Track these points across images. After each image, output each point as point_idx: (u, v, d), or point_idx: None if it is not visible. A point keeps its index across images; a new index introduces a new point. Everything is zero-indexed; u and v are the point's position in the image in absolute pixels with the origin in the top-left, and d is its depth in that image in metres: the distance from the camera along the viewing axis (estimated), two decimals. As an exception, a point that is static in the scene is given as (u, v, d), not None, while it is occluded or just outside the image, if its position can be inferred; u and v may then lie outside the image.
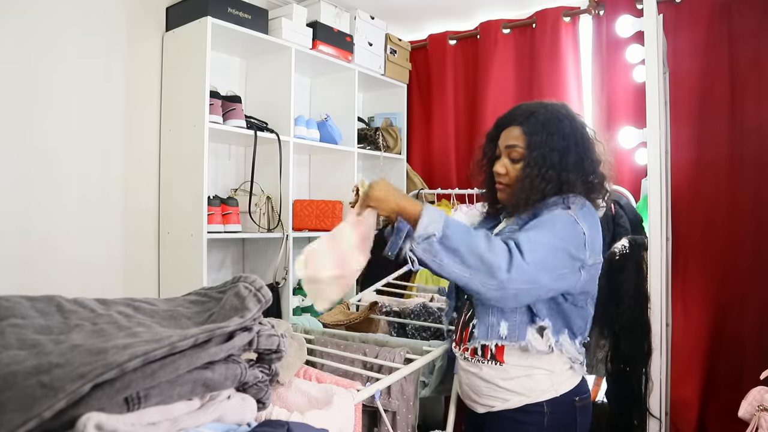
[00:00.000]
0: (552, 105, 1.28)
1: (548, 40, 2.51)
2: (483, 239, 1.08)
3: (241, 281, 0.84)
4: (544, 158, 1.21)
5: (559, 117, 1.24)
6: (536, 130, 1.23)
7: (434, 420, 2.11)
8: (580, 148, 1.23)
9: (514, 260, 1.06)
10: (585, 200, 1.24)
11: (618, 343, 1.67)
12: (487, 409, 1.27)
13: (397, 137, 2.86)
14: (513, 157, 1.27)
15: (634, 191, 2.20)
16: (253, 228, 2.19)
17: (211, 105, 2.00)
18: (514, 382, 1.22)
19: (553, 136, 1.21)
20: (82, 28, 1.92)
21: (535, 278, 1.09)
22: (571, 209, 1.18)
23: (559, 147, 1.21)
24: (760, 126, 2.07)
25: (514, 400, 1.22)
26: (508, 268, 1.05)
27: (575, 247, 1.15)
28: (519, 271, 1.06)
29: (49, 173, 1.86)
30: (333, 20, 2.49)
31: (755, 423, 1.13)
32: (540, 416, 1.20)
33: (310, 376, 1.21)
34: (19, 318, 0.72)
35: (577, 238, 1.15)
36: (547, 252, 1.11)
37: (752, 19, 2.09)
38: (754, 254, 2.09)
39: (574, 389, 1.24)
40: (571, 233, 1.15)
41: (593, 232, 1.20)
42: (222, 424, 0.74)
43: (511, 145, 1.27)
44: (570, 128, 1.23)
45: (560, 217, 1.16)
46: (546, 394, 1.21)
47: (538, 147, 1.22)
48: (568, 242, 1.14)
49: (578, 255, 1.15)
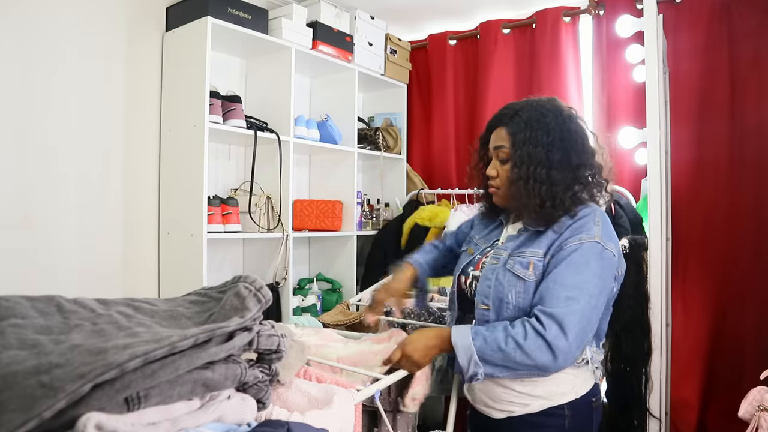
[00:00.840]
0: (537, 101, 1.27)
1: (548, 40, 2.51)
2: (517, 351, 1.09)
3: (241, 281, 0.84)
4: (530, 156, 1.19)
5: (543, 112, 1.22)
6: (520, 128, 1.22)
7: (434, 420, 2.11)
8: (566, 142, 1.20)
9: (556, 350, 1.07)
10: (594, 206, 1.22)
11: (618, 343, 1.67)
12: (506, 415, 1.23)
13: (397, 137, 2.86)
14: (501, 158, 1.26)
15: (634, 191, 2.20)
16: (253, 228, 2.19)
17: (211, 105, 2.00)
18: (534, 385, 1.19)
19: (537, 132, 1.20)
20: (82, 28, 1.92)
21: (581, 342, 1.12)
22: (594, 233, 1.16)
23: (543, 143, 1.19)
24: (760, 126, 2.07)
25: (535, 404, 1.20)
26: (554, 359, 1.08)
27: (611, 277, 1.17)
28: (565, 355, 1.09)
29: (49, 173, 1.85)
30: (333, 20, 2.49)
31: (755, 423, 1.13)
32: (561, 419, 1.19)
33: (310, 376, 1.21)
34: (19, 318, 0.72)
35: (611, 267, 1.17)
36: (589, 311, 1.11)
37: (752, 19, 2.09)
38: (754, 254, 2.09)
39: (591, 390, 1.24)
40: (607, 267, 1.16)
41: (616, 243, 1.20)
42: (222, 424, 0.74)
43: (498, 146, 1.26)
44: (554, 122, 1.21)
45: (590, 252, 1.14)
46: (567, 397, 1.20)
47: (522, 145, 1.20)
48: (606, 280, 1.16)
49: (612, 281, 1.18)
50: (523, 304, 1.17)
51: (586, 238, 1.14)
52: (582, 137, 1.23)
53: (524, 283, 1.17)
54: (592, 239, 1.14)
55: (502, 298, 1.19)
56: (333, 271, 2.69)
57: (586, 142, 1.24)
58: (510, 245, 1.25)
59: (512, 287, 1.18)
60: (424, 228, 2.55)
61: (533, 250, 1.19)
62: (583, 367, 1.21)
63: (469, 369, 1.11)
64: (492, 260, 1.26)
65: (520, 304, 1.17)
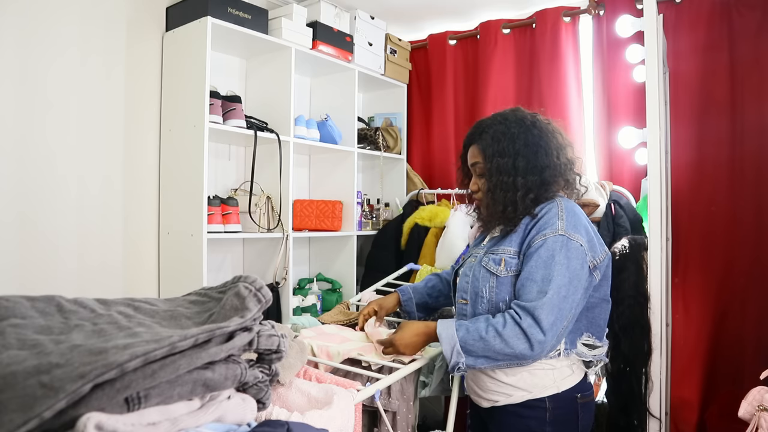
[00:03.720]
0: (502, 114, 1.36)
1: (548, 40, 2.51)
2: (496, 338, 1.15)
3: (241, 281, 0.84)
4: (499, 167, 1.29)
5: (507, 124, 1.31)
6: (488, 143, 1.32)
7: (434, 420, 2.12)
8: (531, 147, 1.28)
9: (532, 339, 1.14)
10: (557, 200, 1.29)
11: (618, 343, 1.67)
12: (491, 404, 1.30)
13: (397, 137, 2.86)
14: (479, 173, 1.36)
15: (634, 191, 2.20)
16: (253, 228, 2.19)
17: (211, 105, 2.00)
18: (517, 377, 1.25)
19: (503, 144, 1.29)
20: (82, 28, 1.92)
21: (559, 333, 1.17)
22: (558, 227, 1.22)
23: (510, 152, 1.28)
24: (761, 126, 2.07)
25: (516, 395, 1.26)
26: (531, 348, 1.14)
27: (581, 266, 1.21)
28: (540, 344, 1.14)
29: (49, 173, 1.85)
30: (333, 20, 2.49)
31: (755, 423, 1.13)
32: (542, 411, 1.24)
33: (310, 376, 1.21)
34: (19, 318, 0.72)
35: (579, 257, 1.21)
36: (559, 301, 1.16)
37: (752, 19, 2.09)
38: (754, 254, 2.08)
39: (576, 386, 1.27)
40: (574, 257, 1.20)
41: (585, 232, 1.24)
42: (222, 424, 0.74)
43: (473, 162, 1.37)
44: (518, 130, 1.29)
45: (555, 245, 1.21)
46: (547, 390, 1.24)
47: (492, 158, 1.30)
48: (575, 269, 1.20)
49: (585, 269, 1.21)
50: (495, 299, 1.25)
51: (549, 233, 1.22)
52: (546, 140, 1.30)
53: (497, 278, 1.26)
54: (556, 233, 1.21)
55: (478, 292, 1.29)
56: (333, 271, 2.69)
57: (551, 142, 1.31)
58: (488, 245, 1.36)
59: (486, 282, 1.27)
60: (424, 228, 2.55)
61: (505, 248, 1.28)
62: (563, 361, 1.25)
63: (452, 358, 1.19)
64: (471, 258, 1.37)
65: (493, 299, 1.26)
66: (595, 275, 1.25)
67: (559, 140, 1.33)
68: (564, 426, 1.25)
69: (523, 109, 1.37)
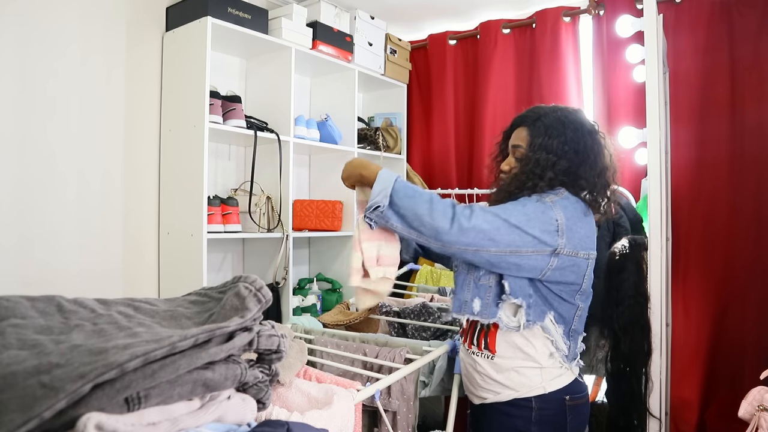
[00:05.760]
0: (563, 110, 1.31)
1: (548, 40, 2.51)
2: (426, 203, 1.13)
3: (241, 281, 0.84)
4: (539, 161, 1.25)
5: (565, 123, 1.26)
6: (539, 132, 1.27)
7: (434, 420, 2.11)
8: (580, 156, 1.24)
9: (455, 222, 1.11)
10: (569, 194, 1.25)
11: (618, 343, 1.67)
12: (481, 401, 1.32)
13: (397, 137, 2.86)
14: (517, 156, 1.32)
15: (634, 191, 2.20)
16: (253, 228, 2.20)
17: (211, 105, 2.00)
18: (505, 375, 1.25)
19: (554, 141, 1.25)
20: (82, 28, 1.92)
21: (475, 243, 1.13)
22: (547, 198, 1.21)
23: (557, 151, 1.24)
24: (761, 126, 2.07)
25: (504, 394, 1.26)
26: (449, 230, 1.11)
27: (541, 230, 1.15)
28: (459, 233, 1.11)
29: (49, 173, 1.85)
30: (333, 20, 2.49)
31: (755, 423, 1.13)
32: (528, 411, 1.23)
33: (310, 376, 1.21)
34: (19, 318, 0.72)
35: (546, 223, 1.16)
36: (500, 223, 1.13)
37: (752, 20, 2.09)
38: (754, 254, 2.09)
39: (565, 388, 1.25)
40: (539, 217, 1.16)
41: (573, 222, 1.19)
42: (222, 425, 0.74)
43: (516, 144, 1.32)
44: (573, 135, 1.25)
45: (530, 201, 1.20)
46: (534, 391, 1.24)
47: (536, 149, 1.26)
48: (532, 223, 1.15)
49: (544, 238, 1.15)
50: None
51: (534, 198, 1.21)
52: (596, 154, 1.27)
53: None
54: (540, 200, 1.20)
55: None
56: (333, 271, 2.69)
57: (599, 159, 1.28)
58: None
59: None
60: (424, 228, 2.54)
61: None
62: (547, 360, 1.24)
63: (376, 197, 1.15)
64: None
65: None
66: (555, 260, 1.17)
67: (606, 161, 1.29)
68: (551, 427, 1.24)
69: (584, 113, 1.33)
